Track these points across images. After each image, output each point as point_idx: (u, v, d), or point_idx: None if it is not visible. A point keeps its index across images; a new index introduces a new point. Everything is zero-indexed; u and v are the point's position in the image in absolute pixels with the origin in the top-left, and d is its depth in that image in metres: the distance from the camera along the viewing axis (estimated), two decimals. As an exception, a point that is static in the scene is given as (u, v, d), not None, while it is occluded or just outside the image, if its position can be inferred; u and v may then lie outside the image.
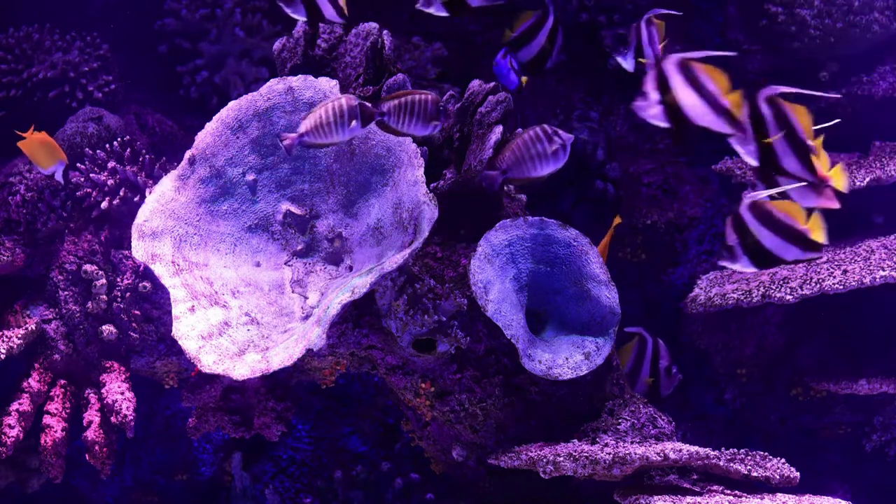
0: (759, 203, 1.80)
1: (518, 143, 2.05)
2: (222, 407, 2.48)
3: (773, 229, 1.80)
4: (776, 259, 1.81)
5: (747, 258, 1.81)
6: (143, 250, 2.24)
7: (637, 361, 2.39)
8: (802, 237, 1.80)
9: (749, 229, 1.80)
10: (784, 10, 2.81)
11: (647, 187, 2.99)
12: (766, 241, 1.80)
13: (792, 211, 1.81)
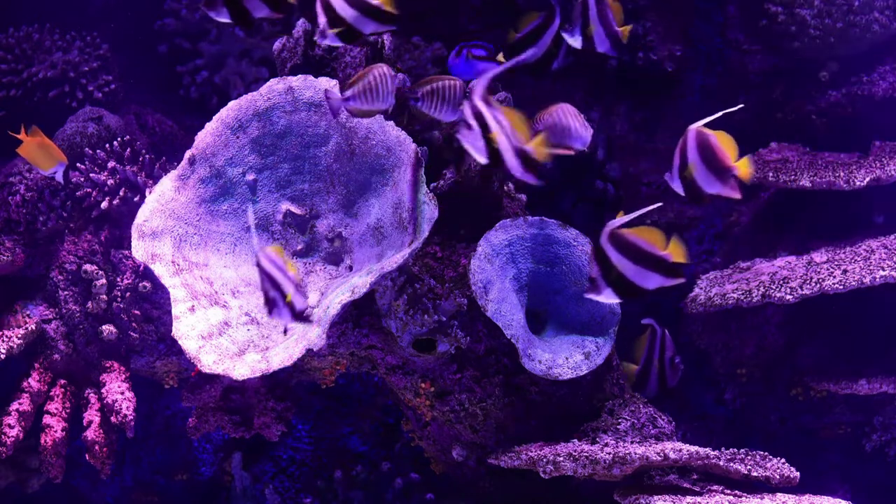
0: (619, 232, 1.78)
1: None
2: (222, 407, 2.48)
3: (633, 258, 1.78)
4: (639, 289, 1.81)
5: (611, 289, 1.80)
6: (143, 250, 2.24)
7: (650, 353, 2.38)
8: (663, 263, 1.78)
9: (610, 260, 1.78)
10: (784, 10, 2.81)
11: (647, 187, 2.99)
12: (627, 270, 1.78)
13: (651, 238, 1.79)
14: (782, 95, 2.93)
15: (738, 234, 2.93)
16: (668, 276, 1.79)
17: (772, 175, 2.63)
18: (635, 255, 1.78)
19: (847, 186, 2.52)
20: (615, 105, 2.99)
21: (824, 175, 2.58)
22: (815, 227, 2.72)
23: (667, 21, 2.91)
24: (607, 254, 1.78)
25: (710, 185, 1.86)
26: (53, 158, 2.33)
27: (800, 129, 2.90)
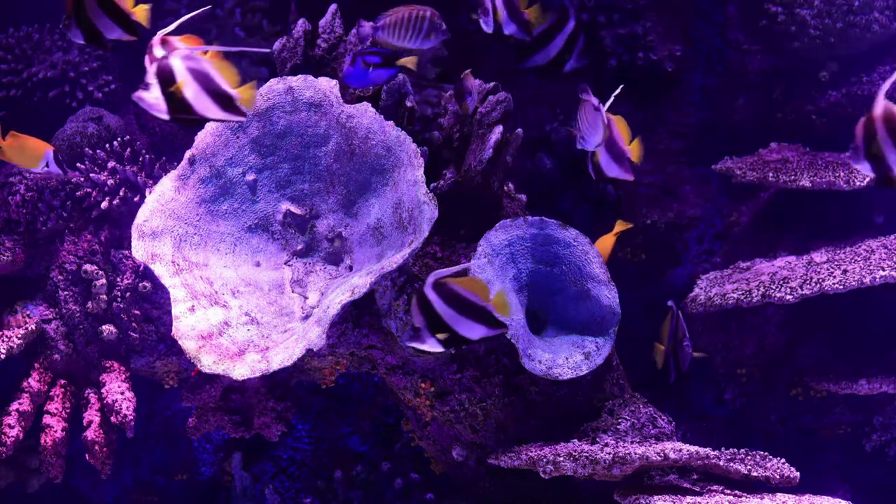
0: (444, 282, 1.79)
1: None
2: (222, 407, 2.48)
3: (458, 309, 1.79)
4: (462, 339, 1.82)
5: (434, 339, 1.81)
6: (143, 250, 2.24)
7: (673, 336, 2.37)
8: (486, 314, 1.80)
9: (434, 309, 1.79)
10: (784, 9, 2.81)
11: (647, 187, 2.99)
12: (451, 321, 1.79)
13: (475, 288, 1.80)
14: (782, 95, 2.93)
15: (738, 234, 2.93)
16: (491, 328, 1.81)
17: (772, 175, 2.63)
18: (460, 306, 1.79)
19: (847, 186, 2.52)
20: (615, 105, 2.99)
21: (824, 175, 2.58)
22: (815, 227, 2.72)
23: (667, 21, 2.91)
24: (432, 303, 1.79)
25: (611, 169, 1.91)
26: (37, 153, 2.27)
27: (800, 129, 2.90)
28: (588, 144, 2.09)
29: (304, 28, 2.44)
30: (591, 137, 2.08)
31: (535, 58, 2.19)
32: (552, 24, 2.20)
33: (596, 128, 2.07)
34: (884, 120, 1.69)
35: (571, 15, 2.18)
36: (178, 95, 1.75)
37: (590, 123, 2.06)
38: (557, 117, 2.94)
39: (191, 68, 1.78)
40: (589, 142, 2.08)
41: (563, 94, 2.98)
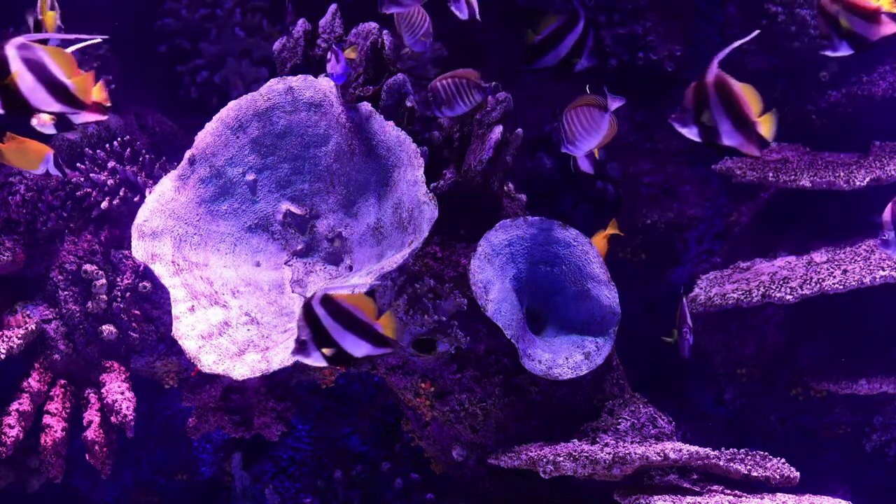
0: (332, 297, 1.79)
1: None
2: (222, 407, 2.48)
3: (344, 325, 1.79)
4: (347, 356, 1.82)
5: (319, 353, 1.81)
6: (143, 250, 2.24)
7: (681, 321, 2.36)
8: (373, 332, 1.80)
9: (322, 324, 1.79)
10: (784, 10, 2.81)
11: (647, 187, 2.99)
12: (337, 336, 1.79)
13: (363, 305, 1.80)
14: (782, 95, 2.93)
15: (738, 234, 2.93)
16: (376, 346, 1.81)
17: (772, 175, 2.63)
18: (347, 322, 1.79)
19: (847, 186, 2.52)
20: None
21: (824, 175, 2.58)
22: (815, 227, 2.72)
23: (667, 21, 2.91)
24: (319, 318, 1.79)
25: None
26: (37, 156, 2.27)
27: (800, 129, 2.90)
28: (578, 151, 2.08)
29: (304, 28, 2.44)
30: (584, 143, 2.07)
31: (545, 59, 2.19)
32: (562, 25, 2.19)
33: (592, 135, 2.06)
34: (715, 87, 1.74)
35: (581, 15, 2.17)
36: (13, 87, 1.65)
37: (587, 129, 2.04)
38: (557, 117, 2.94)
39: (25, 58, 1.65)
40: (579, 148, 2.07)
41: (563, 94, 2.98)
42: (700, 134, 1.82)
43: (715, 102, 1.78)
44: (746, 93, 1.76)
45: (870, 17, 1.83)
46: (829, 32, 1.84)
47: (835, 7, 1.83)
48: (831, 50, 1.84)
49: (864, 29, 1.83)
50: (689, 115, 1.80)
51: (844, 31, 1.83)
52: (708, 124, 1.80)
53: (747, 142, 1.80)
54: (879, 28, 1.83)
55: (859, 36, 1.82)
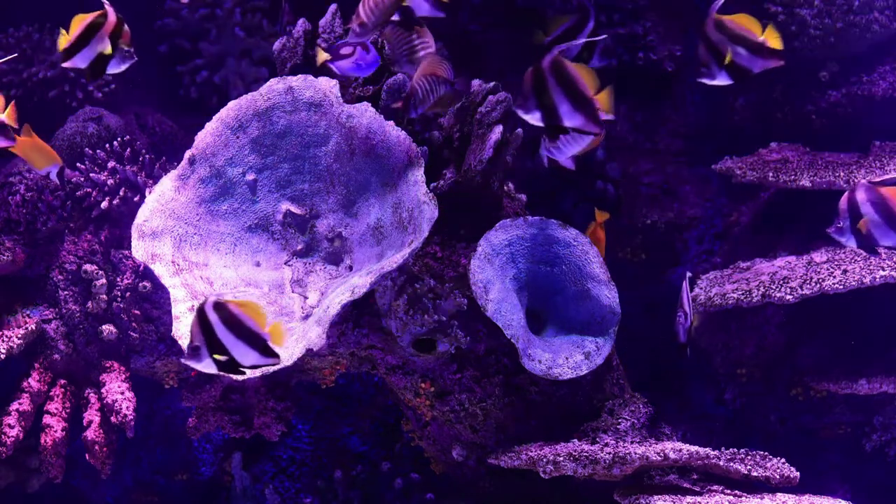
0: (224, 304, 1.81)
1: None
2: (222, 407, 2.48)
3: (235, 332, 1.81)
4: (235, 365, 1.84)
5: (211, 360, 1.83)
6: (143, 250, 2.24)
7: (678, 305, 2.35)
8: (261, 342, 1.82)
9: (214, 331, 1.81)
10: (784, 9, 2.81)
11: (647, 187, 2.98)
12: (227, 343, 1.81)
13: (254, 314, 1.82)
14: (782, 95, 2.93)
15: (738, 234, 2.93)
16: (264, 355, 1.83)
17: (772, 175, 2.63)
18: (237, 330, 1.81)
19: (847, 186, 2.52)
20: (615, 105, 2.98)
21: (824, 175, 2.58)
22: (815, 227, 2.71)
23: (667, 21, 2.91)
24: (212, 324, 1.81)
25: None
26: (48, 159, 2.31)
27: (800, 129, 2.90)
28: (561, 155, 2.07)
29: (304, 28, 2.44)
30: (569, 148, 2.06)
31: None
32: (572, 25, 2.19)
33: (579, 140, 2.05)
34: (552, 69, 1.79)
35: (591, 15, 2.17)
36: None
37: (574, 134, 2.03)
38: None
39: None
40: (563, 153, 2.06)
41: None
42: (542, 118, 1.84)
43: (553, 85, 1.81)
44: (582, 72, 1.81)
45: (755, 49, 1.88)
46: (708, 61, 1.86)
47: (719, 36, 1.86)
48: (708, 78, 1.88)
49: (747, 61, 1.87)
50: (530, 100, 1.83)
51: (726, 60, 1.85)
52: (548, 107, 1.82)
53: (588, 121, 1.83)
54: (763, 61, 1.87)
55: (741, 67, 1.87)
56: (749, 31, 1.91)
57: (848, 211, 1.96)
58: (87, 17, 2.03)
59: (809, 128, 2.89)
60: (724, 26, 1.88)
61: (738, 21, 1.91)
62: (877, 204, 1.93)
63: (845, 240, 1.97)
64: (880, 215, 1.92)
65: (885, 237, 1.94)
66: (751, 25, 1.91)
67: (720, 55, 1.88)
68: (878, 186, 1.98)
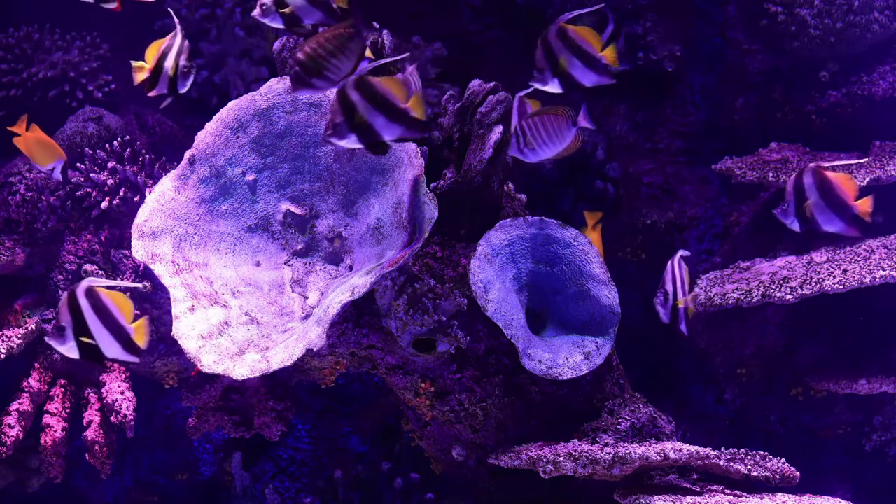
0: (94, 290, 1.82)
1: None
2: (222, 407, 2.48)
3: (103, 320, 1.83)
4: (99, 353, 1.85)
5: (75, 343, 1.84)
6: (143, 250, 2.24)
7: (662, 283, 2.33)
8: (125, 334, 1.85)
9: (83, 315, 1.82)
10: (784, 9, 2.81)
11: (647, 187, 2.98)
12: (95, 329, 1.82)
13: (122, 306, 1.83)
14: (782, 95, 2.93)
15: (738, 234, 2.93)
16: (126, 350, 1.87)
17: (772, 175, 2.63)
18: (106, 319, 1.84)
19: (847, 186, 2.52)
20: (615, 105, 2.99)
21: (824, 175, 2.58)
22: (814, 227, 2.72)
23: (667, 21, 2.91)
24: (81, 308, 1.83)
25: None
26: (52, 155, 2.32)
27: (800, 129, 2.90)
28: (532, 157, 2.07)
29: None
30: (543, 152, 2.06)
31: None
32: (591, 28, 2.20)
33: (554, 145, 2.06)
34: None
35: (610, 19, 2.18)
36: None
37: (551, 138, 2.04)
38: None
39: None
40: (538, 155, 2.07)
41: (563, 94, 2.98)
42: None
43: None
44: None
45: (590, 62, 1.94)
46: (543, 67, 1.94)
47: (558, 44, 1.93)
48: (540, 83, 1.94)
49: (580, 73, 1.94)
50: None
51: (561, 69, 1.93)
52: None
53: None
54: (597, 76, 1.95)
55: (573, 78, 1.95)
56: (589, 44, 1.97)
57: (794, 194, 2.00)
58: (161, 44, 2.04)
59: (809, 128, 2.89)
60: (565, 35, 1.94)
61: (580, 33, 1.96)
62: (822, 189, 1.97)
63: (789, 222, 2.00)
64: (825, 200, 1.95)
65: (829, 223, 1.99)
66: (592, 40, 1.97)
67: (556, 62, 1.94)
68: (826, 171, 1.99)
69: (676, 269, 2.15)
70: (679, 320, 2.15)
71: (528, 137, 2.04)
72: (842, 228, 2.05)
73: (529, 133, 2.04)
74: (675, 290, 2.14)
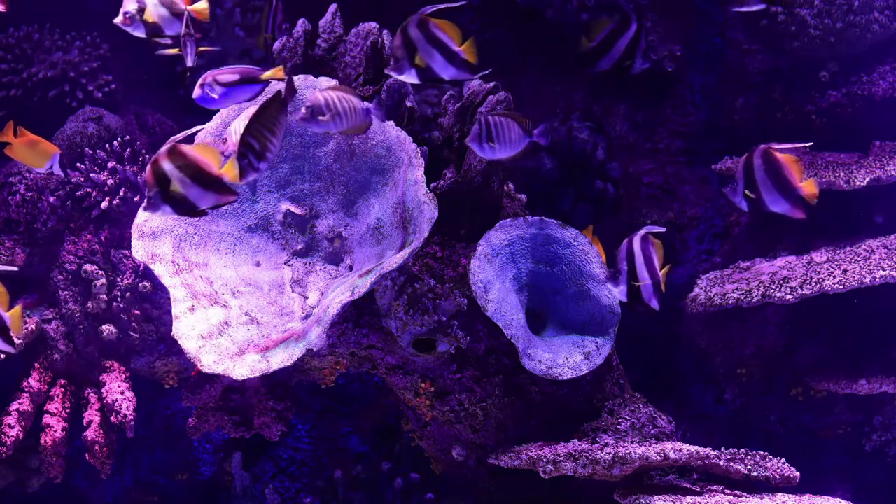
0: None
1: None
2: (222, 407, 2.48)
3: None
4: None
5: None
6: (143, 250, 2.24)
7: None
8: (5, 329, 1.92)
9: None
10: (784, 9, 2.81)
11: (647, 187, 2.98)
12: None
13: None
14: (782, 95, 2.93)
15: (738, 234, 2.93)
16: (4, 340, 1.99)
17: (772, 175, 2.63)
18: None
19: (847, 186, 2.52)
20: (615, 105, 2.99)
21: (824, 175, 2.58)
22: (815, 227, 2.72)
23: (667, 21, 2.91)
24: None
25: None
26: (45, 154, 2.30)
27: (800, 129, 2.90)
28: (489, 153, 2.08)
29: (304, 28, 2.44)
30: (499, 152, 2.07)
31: (601, 63, 2.21)
32: (614, 28, 2.20)
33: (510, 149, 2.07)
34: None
35: (633, 18, 2.18)
36: None
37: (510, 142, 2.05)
38: (557, 116, 2.94)
39: None
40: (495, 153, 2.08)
41: (563, 94, 2.98)
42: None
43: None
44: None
45: (449, 56, 1.97)
46: (402, 58, 1.96)
47: (418, 34, 1.95)
48: (397, 73, 1.97)
49: (440, 66, 1.97)
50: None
51: (418, 62, 1.97)
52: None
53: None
54: (456, 71, 1.98)
55: (432, 71, 1.98)
56: (450, 38, 1.98)
57: (743, 174, 2.02)
58: None
59: (809, 128, 2.89)
60: (426, 27, 1.96)
61: (441, 26, 1.97)
62: (770, 170, 2.00)
63: (737, 201, 2.01)
64: (773, 181, 1.98)
65: (774, 203, 2.01)
66: (452, 33, 1.98)
67: (414, 53, 1.97)
68: (775, 152, 2.01)
69: (636, 247, 2.10)
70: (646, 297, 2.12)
71: (492, 133, 2.04)
72: (787, 209, 2.07)
73: (494, 130, 2.04)
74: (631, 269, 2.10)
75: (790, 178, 2.04)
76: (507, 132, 2.05)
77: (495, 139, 2.04)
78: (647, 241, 2.10)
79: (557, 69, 2.97)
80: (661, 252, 2.11)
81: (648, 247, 2.10)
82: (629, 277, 2.09)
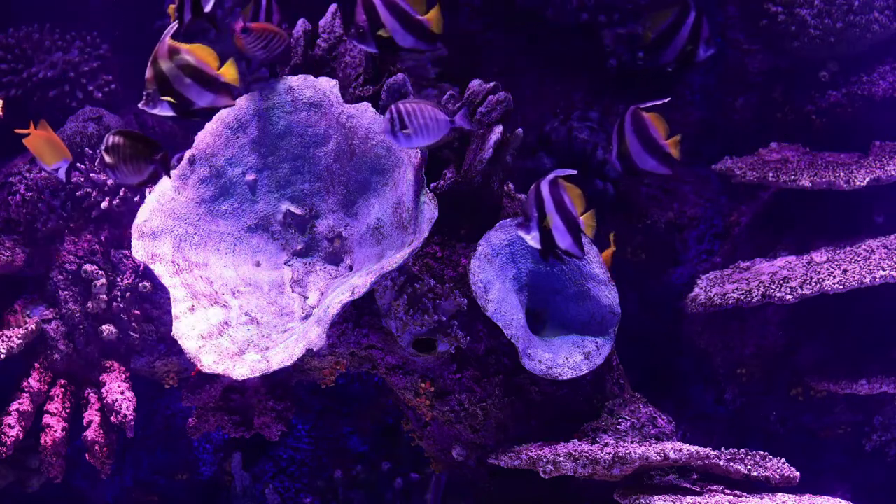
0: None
1: None
2: (222, 407, 2.48)
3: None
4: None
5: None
6: (143, 250, 2.24)
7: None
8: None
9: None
10: (784, 9, 2.81)
11: (647, 187, 2.98)
12: None
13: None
14: (782, 95, 2.93)
15: (738, 234, 2.93)
16: None
17: (772, 175, 2.63)
18: None
19: (847, 186, 2.52)
20: (615, 105, 2.99)
21: (824, 175, 2.58)
22: (815, 227, 2.72)
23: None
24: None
25: None
26: (59, 154, 2.31)
27: (800, 129, 2.90)
28: (405, 141, 2.07)
29: (304, 28, 2.44)
30: (417, 140, 2.06)
31: (665, 54, 2.20)
32: (675, 19, 2.20)
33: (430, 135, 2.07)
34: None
35: (692, 6, 2.18)
36: None
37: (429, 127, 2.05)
38: (557, 116, 2.94)
39: None
40: (412, 142, 2.08)
41: (563, 94, 2.98)
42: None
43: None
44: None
45: (205, 82, 1.96)
46: (152, 89, 1.95)
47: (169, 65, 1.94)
48: (150, 107, 1.97)
49: (196, 94, 1.96)
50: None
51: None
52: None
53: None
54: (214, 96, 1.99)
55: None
56: (204, 63, 1.96)
57: (617, 137, 2.06)
58: None
59: (809, 128, 2.89)
60: (177, 55, 1.94)
61: (194, 52, 1.95)
62: (637, 129, 2.04)
63: (613, 161, 2.09)
64: (640, 140, 2.03)
65: (643, 162, 2.06)
66: (206, 57, 1.96)
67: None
68: (642, 112, 2.05)
69: (544, 191, 2.04)
70: (559, 239, 2.06)
71: (404, 121, 2.03)
72: (654, 166, 2.12)
73: (407, 118, 2.03)
74: (541, 213, 2.04)
75: (655, 135, 2.09)
76: (422, 118, 2.03)
77: (409, 126, 2.03)
78: (556, 184, 2.04)
79: (557, 69, 2.97)
80: (575, 194, 2.05)
81: (559, 190, 2.04)
82: (540, 221, 2.04)
